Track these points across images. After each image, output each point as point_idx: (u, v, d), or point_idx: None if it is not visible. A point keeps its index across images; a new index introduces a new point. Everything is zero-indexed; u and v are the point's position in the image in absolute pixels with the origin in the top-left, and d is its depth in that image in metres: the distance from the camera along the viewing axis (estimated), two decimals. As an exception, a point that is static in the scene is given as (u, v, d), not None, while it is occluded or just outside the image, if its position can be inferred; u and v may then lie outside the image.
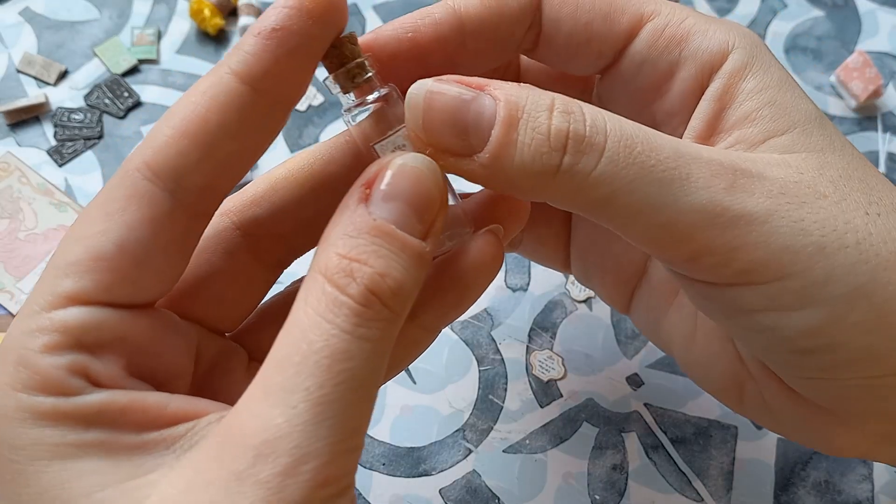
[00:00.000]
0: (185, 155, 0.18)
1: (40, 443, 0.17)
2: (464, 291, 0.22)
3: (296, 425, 0.16)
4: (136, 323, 0.19)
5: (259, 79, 0.19)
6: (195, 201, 0.19)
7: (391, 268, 0.18)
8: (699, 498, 0.36)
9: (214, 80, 0.19)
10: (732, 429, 0.38)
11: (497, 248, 0.22)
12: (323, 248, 0.18)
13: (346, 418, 0.17)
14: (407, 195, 0.19)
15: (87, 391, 0.18)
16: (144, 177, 0.19)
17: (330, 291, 0.17)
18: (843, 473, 0.37)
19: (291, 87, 0.20)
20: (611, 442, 0.37)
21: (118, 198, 0.19)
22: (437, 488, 0.36)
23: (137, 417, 0.18)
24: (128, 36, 0.48)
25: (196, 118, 0.19)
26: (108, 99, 0.46)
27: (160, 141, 0.19)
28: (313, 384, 0.17)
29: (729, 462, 0.37)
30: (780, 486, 0.36)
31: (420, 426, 0.37)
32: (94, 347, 0.18)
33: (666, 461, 0.37)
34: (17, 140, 0.44)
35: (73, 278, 0.18)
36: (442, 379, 0.38)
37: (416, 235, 0.19)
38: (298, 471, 0.16)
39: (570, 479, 0.36)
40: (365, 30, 0.49)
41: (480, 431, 0.37)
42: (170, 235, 0.19)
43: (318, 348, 0.17)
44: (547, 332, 0.40)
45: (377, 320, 0.18)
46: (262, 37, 0.19)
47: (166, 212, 0.19)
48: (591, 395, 0.38)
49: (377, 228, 0.18)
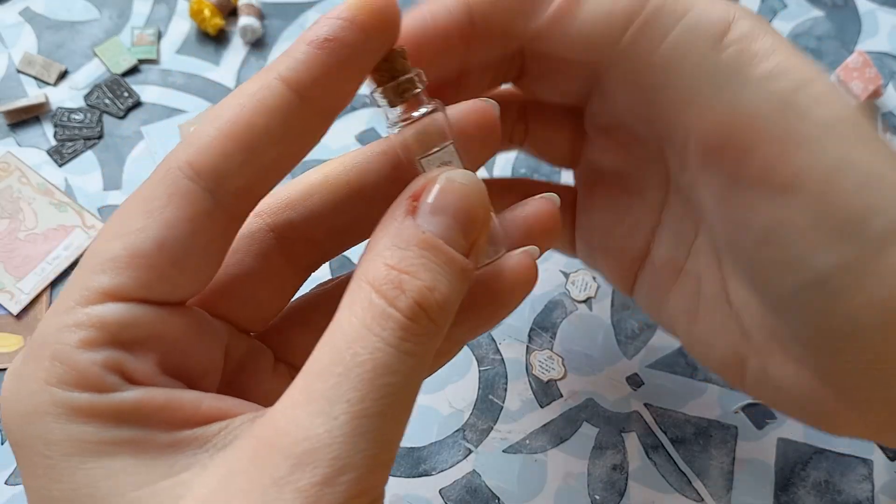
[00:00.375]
0: (228, 157, 0.19)
1: (75, 439, 0.17)
2: (497, 308, 0.23)
3: (336, 436, 0.16)
4: (170, 320, 0.19)
5: (307, 87, 0.19)
6: (234, 203, 0.19)
7: (439, 282, 0.18)
8: (699, 498, 0.36)
9: (263, 84, 0.19)
10: (732, 429, 0.38)
11: (532, 269, 0.22)
12: (370, 258, 0.18)
13: (385, 432, 0.17)
14: (453, 210, 0.19)
15: (122, 388, 0.18)
16: (186, 176, 0.19)
17: (378, 303, 0.17)
18: (843, 473, 0.37)
19: (338, 97, 0.20)
20: (611, 442, 0.37)
21: (159, 195, 0.19)
22: (437, 488, 0.36)
23: (172, 415, 0.18)
24: (128, 36, 0.48)
25: (242, 121, 0.19)
26: (108, 99, 0.46)
27: (205, 141, 0.19)
28: (355, 397, 0.17)
29: (729, 462, 0.37)
30: (780, 486, 0.36)
31: (420, 426, 0.37)
32: (130, 344, 0.18)
33: (666, 461, 0.37)
34: (17, 140, 0.44)
35: (110, 274, 0.18)
36: (442, 379, 0.38)
37: (461, 251, 0.19)
38: (337, 481, 0.16)
39: (570, 480, 0.36)
40: (365, 30, 0.49)
41: (480, 431, 0.37)
42: (208, 236, 0.19)
43: (361, 360, 0.17)
44: (547, 332, 0.40)
45: (422, 335, 0.18)
46: (313, 46, 0.19)
47: (207, 212, 0.19)
48: (591, 395, 0.38)
49: (425, 241, 0.18)
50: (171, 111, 0.46)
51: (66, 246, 0.41)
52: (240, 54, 0.48)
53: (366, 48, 0.19)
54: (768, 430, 0.38)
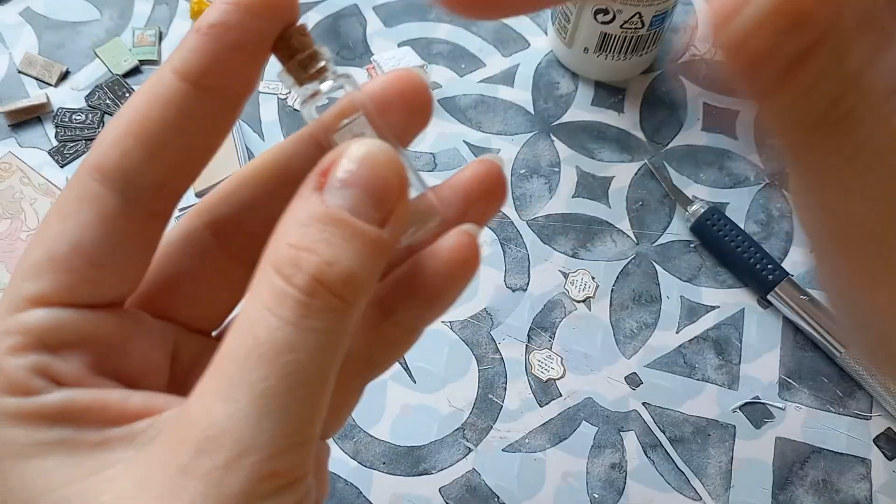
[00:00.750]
0: (129, 155, 0.19)
1: (6, 443, 0.18)
2: (437, 293, 0.22)
3: (238, 419, 0.16)
4: (100, 322, 0.19)
5: (200, 76, 0.19)
6: (148, 200, 0.19)
7: (341, 255, 0.17)
8: (697, 497, 0.36)
9: (156, 79, 0.19)
10: (731, 428, 0.38)
11: (471, 250, 0.21)
12: (274, 239, 0.18)
13: (293, 411, 0.17)
14: (362, 181, 0.18)
15: (49, 390, 0.18)
16: (93, 178, 0.19)
17: (277, 283, 0.17)
18: (841, 472, 0.37)
19: (236, 83, 0.20)
20: (609, 441, 0.37)
21: (71, 200, 0.19)
22: (437, 487, 0.36)
23: (100, 414, 0.18)
24: (129, 36, 0.48)
25: (138, 117, 0.19)
26: (109, 99, 0.46)
27: (106, 143, 0.19)
28: (257, 377, 0.16)
29: (727, 461, 0.37)
30: (778, 485, 0.37)
31: (420, 425, 0.37)
32: (56, 347, 0.18)
33: (664, 460, 0.37)
34: (19, 140, 0.44)
35: (32, 281, 0.18)
36: (442, 378, 0.38)
37: (373, 223, 0.18)
38: (239, 464, 0.16)
39: (569, 478, 0.36)
40: (366, 30, 0.49)
41: (480, 430, 0.37)
42: (124, 235, 0.19)
43: (262, 341, 0.17)
44: (546, 332, 0.40)
45: (325, 311, 0.17)
46: (200, 33, 0.19)
47: (118, 212, 0.19)
48: (589, 395, 0.38)
49: (329, 216, 0.18)
50: (171, 111, 0.46)
51: (67, 246, 0.41)
52: (240, 55, 0.48)
53: (254, 30, 0.19)
54: (766, 429, 0.38)
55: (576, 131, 0.46)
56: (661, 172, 0.45)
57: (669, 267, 0.42)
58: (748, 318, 0.41)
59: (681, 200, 0.43)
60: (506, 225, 0.43)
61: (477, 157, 0.45)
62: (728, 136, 0.47)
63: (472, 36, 0.49)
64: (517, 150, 0.45)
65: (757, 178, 0.45)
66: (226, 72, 0.19)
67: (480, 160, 0.23)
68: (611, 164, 0.45)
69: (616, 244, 0.43)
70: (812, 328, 0.39)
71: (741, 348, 0.40)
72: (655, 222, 0.43)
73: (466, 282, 0.22)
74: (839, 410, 0.39)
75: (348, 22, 0.50)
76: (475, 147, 0.45)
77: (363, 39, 0.49)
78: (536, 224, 0.43)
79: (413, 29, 0.49)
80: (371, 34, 0.49)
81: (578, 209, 0.44)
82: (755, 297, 0.41)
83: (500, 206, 0.23)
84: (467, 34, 0.49)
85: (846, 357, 0.38)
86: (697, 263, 0.42)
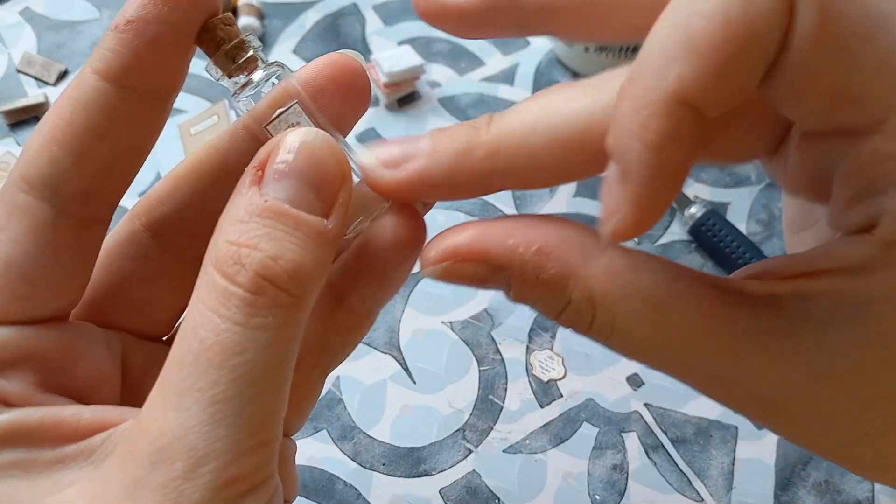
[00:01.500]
0: (56, 161, 0.18)
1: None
2: (385, 273, 0.21)
3: (190, 427, 0.16)
4: (43, 337, 0.19)
5: (121, 75, 0.18)
6: (80, 208, 0.19)
7: (285, 249, 0.17)
8: (699, 498, 0.36)
9: (77, 81, 0.18)
10: (733, 429, 0.38)
11: (413, 222, 0.20)
12: (214, 238, 0.17)
13: (249, 414, 0.16)
14: (301, 171, 0.17)
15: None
16: (21, 190, 0.18)
17: (220, 283, 0.16)
18: (844, 473, 0.37)
19: (160, 79, 0.19)
20: (611, 442, 0.37)
21: (0, 215, 0.18)
22: (437, 488, 0.36)
23: (52, 432, 0.18)
24: (128, 36, 0.48)
25: (62, 122, 0.18)
26: (108, 99, 0.46)
27: (33, 150, 0.18)
28: (206, 383, 0.16)
29: (729, 462, 0.37)
30: (780, 486, 0.37)
31: (420, 426, 0.37)
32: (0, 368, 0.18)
33: (666, 461, 0.37)
34: (17, 140, 0.44)
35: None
36: (442, 379, 0.38)
37: (316, 213, 0.17)
38: (196, 473, 0.16)
39: (570, 479, 0.36)
40: (365, 29, 0.49)
41: (480, 431, 0.37)
42: (57, 246, 0.18)
43: (208, 345, 0.16)
44: (547, 332, 0.40)
45: (273, 307, 0.16)
46: (118, 30, 0.18)
47: (48, 222, 0.18)
48: (591, 395, 0.38)
49: (269, 209, 0.17)
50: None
51: (65, 246, 0.41)
52: (240, 54, 0.48)
53: (172, 23, 0.18)
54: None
55: (576, 131, 0.46)
56: (662, 172, 0.45)
57: (670, 267, 0.42)
58: (750, 319, 0.41)
59: (680, 201, 0.43)
60: (506, 225, 0.43)
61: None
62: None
63: (473, 35, 0.49)
64: (518, 149, 0.45)
65: (758, 178, 0.45)
66: (148, 68, 0.18)
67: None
68: (611, 164, 0.45)
69: (617, 244, 0.43)
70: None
71: (743, 348, 0.40)
72: (656, 222, 0.43)
73: (414, 258, 0.21)
74: (841, 411, 0.38)
75: (348, 21, 0.49)
76: (475, 147, 0.45)
77: (362, 39, 0.49)
78: (537, 224, 0.43)
79: (413, 28, 0.49)
80: (370, 33, 0.49)
81: (579, 209, 0.43)
82: (757, 298, 0.41)
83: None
84: (467, 33, 0.49)
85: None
86: (699, 264, 0.42)
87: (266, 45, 0.48)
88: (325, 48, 0.48)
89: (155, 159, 0.44)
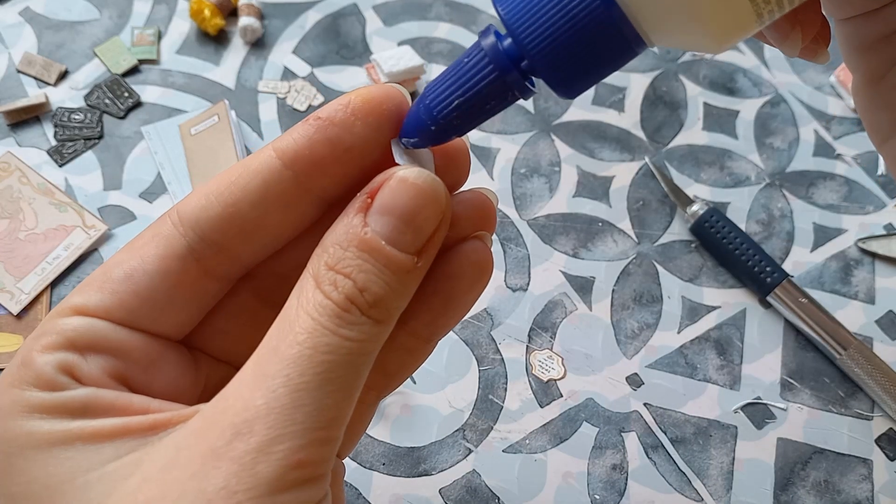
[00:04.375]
0: (206, 208, 0.20)
1: (30, 433, 0.18)
2: (450, 300, 0.23)
3: (273, 408, 0.17)
4: (131, 339, 0.20)
5: (291, 159, 0.20)
6: (211, 257, 0.20)
7: (371, 283, 0.19)
8: (699, 498, 0.36)
9: (258, 152, 0.20)
10: (732, 429, 0.38)
11: (485, 256, 0.22)
12: (318, 253, 0.19)
13: (323, 407, 0.18)
14: (401, 211, 0.19)
15: (73, 387, 0.19)
16: (171, 220, 0.20)
17: (318, 294, 0.19)
18: (843, 473, 0.37)
19: (328, 177, 0.20)
20: (610, 442, 0.37)
21: (146, 235, 0.21)
22: (437, 488, 0.36)
23: (123, 411, 0.19)
24: (128, 36, 0.48)
25: (227, 179, 0.20)
26: (108, 99, 0.46)
27: (196, 194, 0.20)
28: (294, 372, 0.18)
29: (729, 462, 0.37)
30: (779, 486, 0.37)
31: (420, 426, 0.37)
32: (83, 349, 0.19)
33: (666, 461, 0.37)
34: (18, 140, 0.44)
35: (83, 294, 0.20)
36: (442, 379, 0.38)
37: (409, 251, 0.19)
38: (272, 450, 0.17)
39: (569, 479, 0.36)
40: (365, 29, 0.49)
41: (480, 431, 0.37)
42: (178, 280, 0.20)
43: (301, 339, 0.18)
44: (547, 332, 0.40)
45: (358, 324, 0.19)
46: (307, 122, 0.20)
47: (179, 255, 0.20)
48: (590, 395, 0.38)
49: (366, 243, 0.19)
50: (171, 111, 0.46)
51: (66, 246, 0.41)
52: (240, 54, 0.48)
53: (355, 131, 0.20)
54: (768, 429, 0.38)
55: (576, 130, 0.46)
56: (662, 172, 0.45)
57: (670, 267, 0.42)
58: (750, 318, 0.41)
59: (680, 201, 0.43)
60: (506, 225, 0.43)
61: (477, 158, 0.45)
62: (728, 135, 0.47)
63: (472, 35, 0.49)
64: (517, 149, 0.45)
65: (758, 178, 0.45)
66: (320, 162, 0.20)
67: (478, 191, 0.23)
68: (611, 164, 0.45)
69: (617, 244, 0.43)
70: (812, 330, 0.39)
71: (742, 348, 0.40)
72: (656, 222, 0.43)
73: (481, 289, 0.23)
74: (841, 411, 0.38)
75: (348, 21, 0.49)
76: (475, 146, 0.45)
77: (362, 39, 0.49)
78: (537, 224, 0.43)
79: (412, 28, 0.49)
80: (370, 33, 0.49)
81: (579, 209, 0.43)
82: (756, 297, 0.41)
83: (493, 226, 0.24)
84: (467, 33, 0.49)
85: (845, 359, 0.38)
86: (699, 263, 0.42)
87: (266, 45, 0.48)
88: (326, 48, 0.48)
89: (155, 159, 0.44)
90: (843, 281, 0.42)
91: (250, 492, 0.17)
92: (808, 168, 0.46)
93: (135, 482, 0.18)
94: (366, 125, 0.20)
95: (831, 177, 0.45)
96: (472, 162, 0.23)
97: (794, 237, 0.43)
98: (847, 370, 0.39)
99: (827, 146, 0.46)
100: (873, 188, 0.45)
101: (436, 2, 0.51)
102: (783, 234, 0.43)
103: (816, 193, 0.45)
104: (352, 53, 0.48)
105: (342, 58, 0.48)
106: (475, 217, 0.23)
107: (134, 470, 0.18)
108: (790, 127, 0.47)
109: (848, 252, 0.43)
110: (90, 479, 0.18)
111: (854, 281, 0.42)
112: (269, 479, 0.17)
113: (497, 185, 0.44)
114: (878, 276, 0.42)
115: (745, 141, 0.46)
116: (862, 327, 0.41)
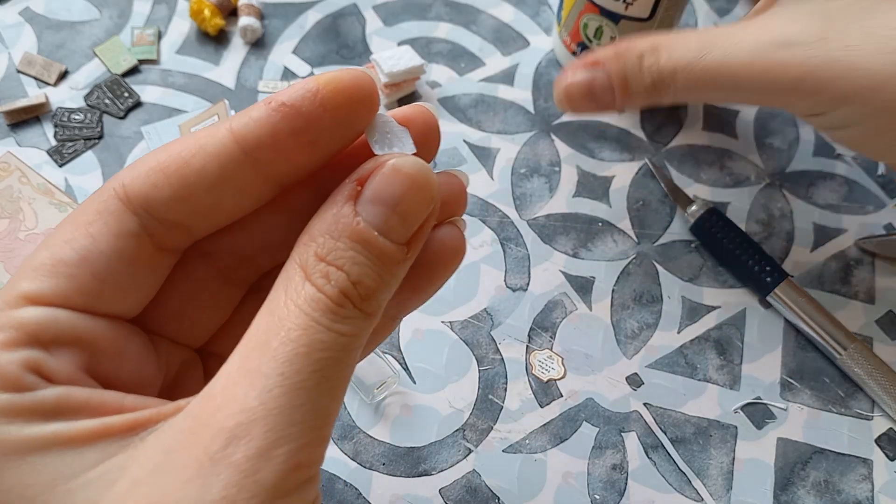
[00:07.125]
0: (157, 188, 0.19)
1: (2, 440, 0.17)
2: (422, 284, 0.22)
3: (271, 409, 0.17)
4: (96, 327, 0.19)
5: (252, 145, 0.19)
6: (164, 234, 0.20)
7: (365, 276, 0.18)
8: (699, 498, 0.36)
9: (213, 131, 0.19)
10: (732, 428, 0.38)
11: (459, 243, 0.22)
12: (305, 242, 0.19)
13: (320, 405, 0.17)
14: (395, 200, 0.18)
15: (42, 387, 0.18)
16: (118, 196, 0.19)
17: (309, 287, 0.18)
18: (843, 473, 0.37)
19: (288, 165, 0.19)
20: (610, 442, 0.37)
21: (90, 211, 0.19)
22: (437, 488, 0.36)
23: (97, 410, 0.18)
24: (128, 36, 0.48)
25: (179, 159, 0.19)
26: (108, 99, 0.46)
27: (143, 168, 0.19)
28: (290, 370, 0.17)
29: (729, 462, 0.37)
30: (779, 486, 0.37)
31: (420, 426, 0.37)
32: (49, 344, 0.18)
33: (666, 461, 0.37)
34: (18, 140, 0.44)
35: (32, 280, 0.18)
36: (442, 379, 0.38)
37: (400, 241, 0.19)
38: (272, 454, 0.16)
39: (569, 479, 0.36)
40: (365, 29, 0.49)
41: (480, 431, 0.37)
42: (133, 258, 0.19)
43: (295, 336, 0.17)
44: (547, 332, 0.40)
45: (351, 318, 0.18)
46: (269, 107, 0.19)
47: (132, 233, 0.19)
48: (590, 395, 0.38)
49: (358, 234, 0.18)
50: (171, 111, 0.46)
51: (66, 246, 0.41)
52: (240, 54, 0.48)
53: (323, 123, 0.19)
54: (768, 429, 0.38)
55: (576, 130, 0.46)
56: (662, 172, 0.45)
57: (670, 267, 0.42)
58: (750, 318, 0.41)
59: (680, 201, 0.43)
60: (506, 224, 0.43)
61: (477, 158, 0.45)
62: (728, 135, 0.47)
63: (472, 35, 0.49)
64: (517, 149, 0.45)
65: (758, 178, 0.45)
66: (280, 151, 0.19)
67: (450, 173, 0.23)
68: (611, 164, 0.45)
69: (617, 244, 0.43)
70: (812, 330, 0.39)
71: (742, 348, 0.40)
72: (656, 222, 0.43)
73: (450, 273, 0.23)
74: (841, 411, 0.38)
75: (347, 21, 0.49)
76: (475, 146, 0.45)
77: (362, 38, 0.49)
78: (537, 224, 0.43)
79: (412, 28, 0.49)
80: (370, 33, 0.49)
81: (579, 209, 0.43)
82: (756, 297, 0.41)
83: (462, 209, 0.23)
84: (467, 33, 0.49)
85: (845, 359, 0.38)
86: (699, 263, 0.42)
87: (266, 45, 0.48)
88: (326, 48, 0.48)
89: (155, 159, 0.44)
90: (842, 281, 0.42)
91: (253, 500, 0.16)
92: (808, 168, 0.46)
93: (123, 488, 0.17)
94: (335, 119, 0.19)
95: (831, 177, 0.45)
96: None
97: (794, 237, 0.43)
98: (847, 370, 0.39)
99: (827, 146, 0.46)
100: (873, 188, 0.45)
101: (436, 2, 0.51)
102: (783, 233, 0.43)
103: (816, 193, 0.45)
104: (352, 53, 0.48)
105: (342, 58, 0.48)
106: (449, 201, 0.22)
107: (119, 475, 0.17)
108: (790, 127, 0.47)
109: (848, 252, 0.43)
110: (72, 487, 0.17)
111: (854, 281, 0.42)
112: (272, 485, 0.16)
113: (497, 185, 0.44)
114: (878, 275, 0.42)
115: (745, 141, 0.46)
116: (862, 327, 0.41)
